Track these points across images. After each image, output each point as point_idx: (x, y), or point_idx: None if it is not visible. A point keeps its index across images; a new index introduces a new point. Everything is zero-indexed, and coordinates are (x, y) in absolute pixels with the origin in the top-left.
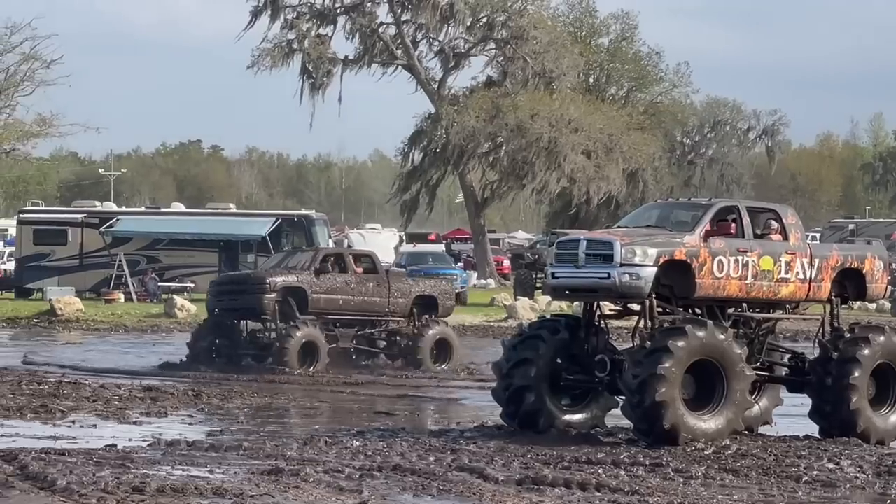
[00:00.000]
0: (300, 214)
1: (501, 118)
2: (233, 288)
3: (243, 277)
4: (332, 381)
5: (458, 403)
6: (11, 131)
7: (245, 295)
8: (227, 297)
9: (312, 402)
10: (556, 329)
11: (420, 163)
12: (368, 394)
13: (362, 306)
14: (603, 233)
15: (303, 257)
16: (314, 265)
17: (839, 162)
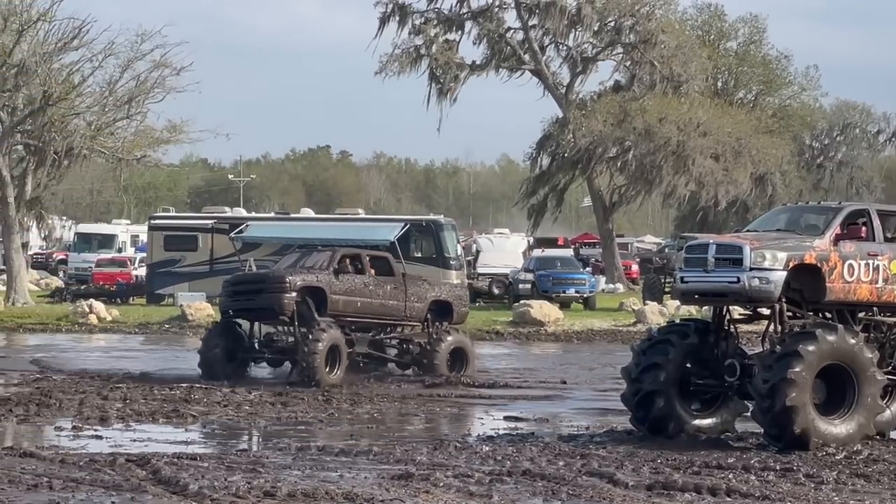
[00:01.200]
0: (428, 219)
1: (629, 122)
2: (250, 287)
3: (261, 276)
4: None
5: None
6: (142, 138)
7: (263, 295)
8: (244, 297)
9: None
10: (685, 333)
11: (548, 167)
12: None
13: (380, 310)
14: (732, 237)
15: (320, 257)
16: (332, 265)
17: None
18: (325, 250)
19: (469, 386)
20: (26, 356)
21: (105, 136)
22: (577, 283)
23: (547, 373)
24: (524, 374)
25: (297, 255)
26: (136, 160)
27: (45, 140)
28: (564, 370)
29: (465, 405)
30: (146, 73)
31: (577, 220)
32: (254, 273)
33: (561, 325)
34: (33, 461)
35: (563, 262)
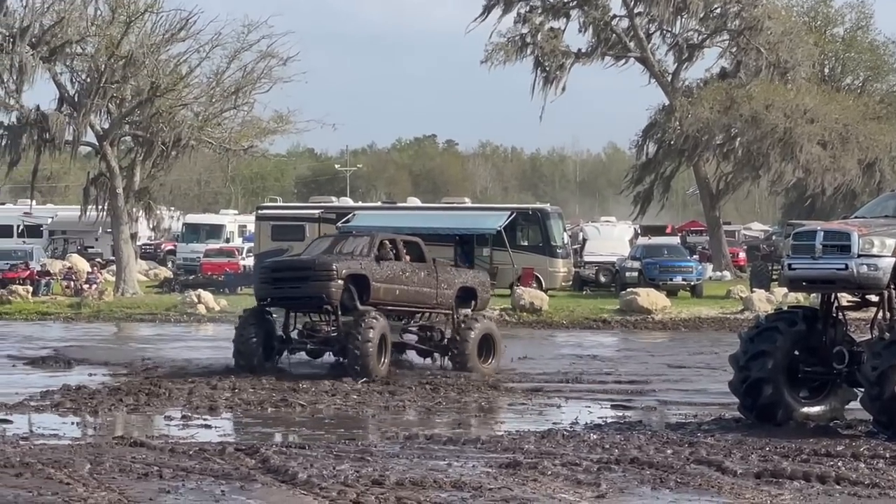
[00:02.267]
0: (535, 208)
1: (735, 109)
2: (294, 275)
3: (306, 263)
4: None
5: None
6: (249, 129)
7: (310, 283)
8: (288, 285)
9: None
10: (793, 321)
11: (654, 155)
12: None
13: (415, 297)
14: (840, 224)
15: (358, 242)
16: (373, 251)
17: None
18: (361, 235)
19: (573, 382)
20: (135, 346)
21: (212, 127)
22: (685, 270)
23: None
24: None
25: (330, 241)
26: (243, 150)
27: (153, 131)
28: (671, 358)
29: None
30: (253, 63)
31: (683, 208)
32: (297, 259)
33: (668, 313)
34: (143, 450)
35: (670, 250)
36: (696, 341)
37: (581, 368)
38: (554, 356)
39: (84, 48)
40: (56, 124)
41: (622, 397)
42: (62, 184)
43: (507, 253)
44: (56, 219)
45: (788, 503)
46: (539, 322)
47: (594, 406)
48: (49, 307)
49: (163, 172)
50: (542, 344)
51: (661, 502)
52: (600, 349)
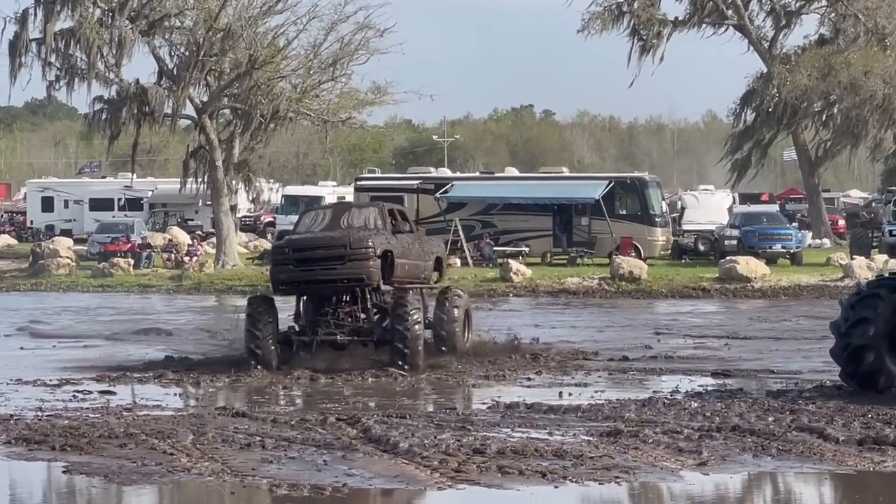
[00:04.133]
0: (633, 177)
1: (834, 76)
2: (327, 254)
3: (340, 240)
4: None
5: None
6: (347, 100)
7: (347, 263)
8: (319, 266)
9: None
10: (894, 287)
11: (752, 122)
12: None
13: (415, 272)
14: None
15: (365, 213)
16: (388, 223)
17: None
18: (364, 205)
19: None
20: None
21: (310, 99)
22: (784, 238)
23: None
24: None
25: (329, 214)
26: (341, 122)
27: (252, 103)
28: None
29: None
30: (350, 35)
31: (781, 176)
32: (326, 237)
33: (768, 281)
34: (246, 421)
35: (769, 218)
36: (797, 309)
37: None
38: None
39: (182, 21)
40: (155, 98)
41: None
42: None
43: (605, 222)
44: (156, 192)
45: (891, 470)
46: (638, 291)
47: (694, 375)
48: (150, 279)
49: (261, 145)
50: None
51: (762, 469)
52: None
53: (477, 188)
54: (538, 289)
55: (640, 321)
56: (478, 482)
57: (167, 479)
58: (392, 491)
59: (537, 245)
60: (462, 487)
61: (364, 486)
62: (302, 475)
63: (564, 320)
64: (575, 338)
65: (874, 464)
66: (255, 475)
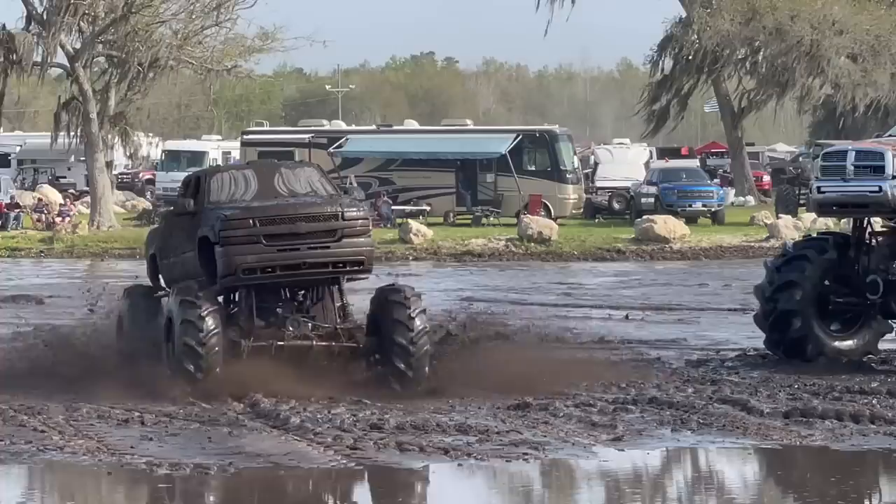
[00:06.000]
0: (542, 130)
1: (758, 21)
2: (318, 228)
3: (332, 210)
4: None
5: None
6: (233, 47)
7: (345, 240)
8: (308, 244)
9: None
10: (823, 248)
11: (671, 71)
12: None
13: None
14: (873, 143)
15: (307, 175)
16: (337, 188)
17: None
18: (294, 165)
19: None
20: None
21: (192, 46)
22: (705, 196)
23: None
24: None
25: (252, 174)
26: (226, 71)
27: (129, 51)
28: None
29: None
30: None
31: (702, 129)
32: (306, 203)
33: (687, 242)
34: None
35: (689, 174)
36: (718, 271)
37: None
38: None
39: None
40: (23, 44)
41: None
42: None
43: (512, 179)
44: (25, 147)
45: (819, 444)
46: (548, 253)
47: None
48: (19, 242)
49: (140, 96)
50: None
51: (682, 445)
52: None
53: (374, 142)
54: (440, 251)
55: (551, 287)
56: (375, 460)
57: (38, 458)
58: (282, 470)
59: (439, 204)
60: (358, 466)
61: (251, 465)
62: (184, 453)
63: (463, 287)
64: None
65: (801, 437)
66: (133, 454)
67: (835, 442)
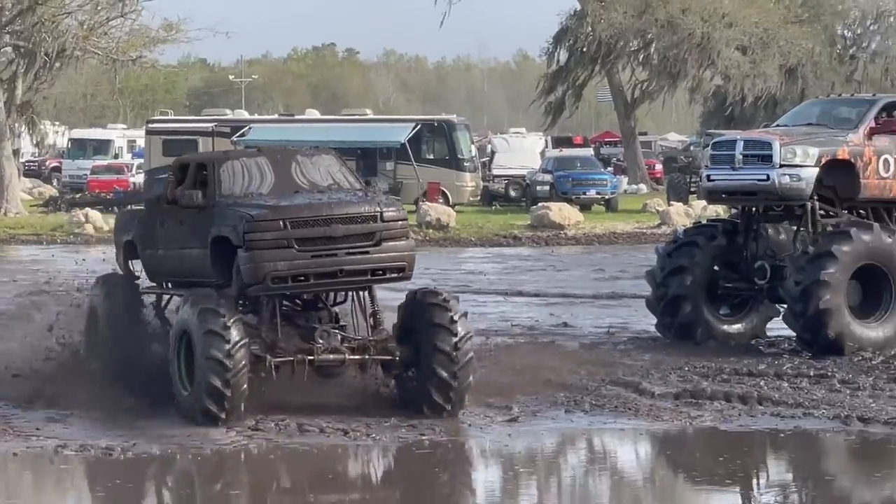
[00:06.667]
0: (440, 119)
1: (651, 14)
2: (356, 230)
3: (370, 210)
4: None
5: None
6: (137, 38)
7: (385, 243)
8: (346, 249)
9: None
10: (712, 235)
11: (566, 63)
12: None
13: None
14: (761, 132)
15: (327, 163)
16: (359, 179)
17: None
18: (312, 152)
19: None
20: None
21: (98, 37)
22: (598, 183)
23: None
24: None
25: (266, 162)
26: (131, 61)
27: (35, 41)
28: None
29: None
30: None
31: (596, 119)
32: (342, 202)
33: (581, 228)
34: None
35: (583, 163)
36: (611, 257)
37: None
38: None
39: None
40: None
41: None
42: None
43: (411, 167)
44: None
45: (709, 425)
46: (446, 239)
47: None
48: None
49: (46, 85)
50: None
51: (575, 425)
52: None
53: (276, 131)
54: None
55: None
56: (276, 441)
57: None
58: (186, 450)
59: None
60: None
61: (154, 446)
62: (91, 435)
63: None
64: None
65: (691, 418)
66: (39, 435)
67: (723, 423)
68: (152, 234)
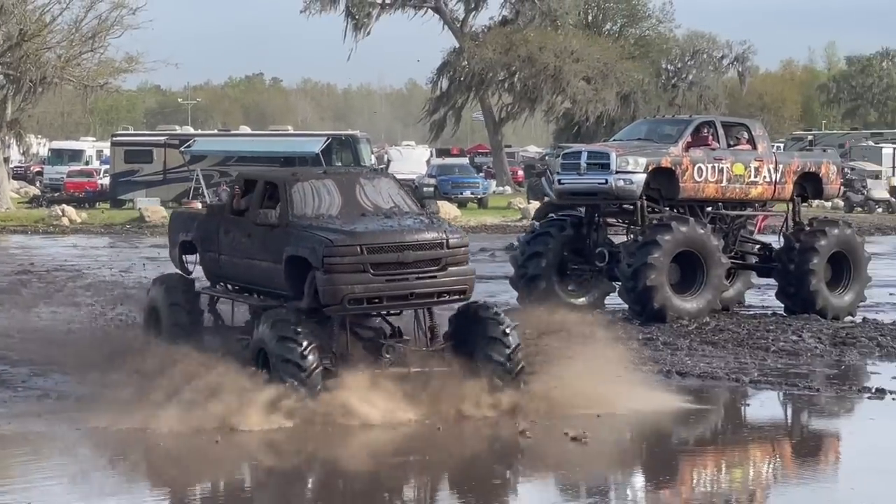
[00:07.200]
0: (347, 134)
1: (514, 51)
2: (425, 256)
3: (436, 236)
4: None
5: None
6: (104, 68)
7: (450, 268)
8: (417, 274)
9: None
10: (562, 227)
11: (447, 89)
12: None
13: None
14: (601, 145)
15: (387, 187)
16: (416, 202)
17: (799, 83)
18: (373, 176)
19: None
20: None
21: (73, 67)
22: (473, 186)
23: None
24: None
25: (333, 184)
26: (99, 87)
27: (22, 70)
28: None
29: None
30: (107, 12)
31: (471, 133)
32: (411, 228)
33: (459, 222)
34: None
35: (461, 169)
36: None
37: None
38: None
39: None
40: None
41: None
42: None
43: None
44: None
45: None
46: None
47: None
48: None
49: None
50: None
51: None
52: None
53: (216, 143)
54: None
55: None
56: (39, 431)
57: None
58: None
59: None
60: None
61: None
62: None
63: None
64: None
65: None
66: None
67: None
68: (213, 239)
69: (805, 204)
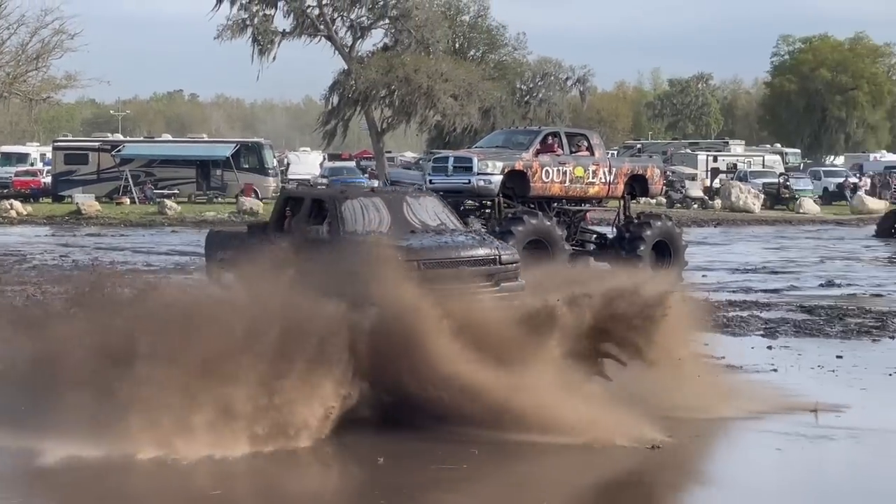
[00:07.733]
0: (253, 141)
1: (394, 72)
2: (478, 272)
3: (489, 253)
4: None
5: None
6: (47, 84)
7: (503, 284)
8: (478, 288)
9: None
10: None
11: (337, 104)
12: None
13: None
14: (465, 151)
15: (432, 205)
16: (460, 220)
17: (630, 101)
18: (418, 194)
19: None
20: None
21: (20, 83)
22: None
23: None
24: None
25: (381, 202)
26: (43, 100)
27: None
28: None
29: None
30: (49, 37)
31: (358, 141)
32: (465, 244)
33: None
34: None
35: (349, 171)
36: None
37: None
38: None
39: None
40: None
41: None
42: None
43: (233, 173)
44: None
45: None
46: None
47: None
48: None
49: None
50: None
51: None
52: None
53: (142, 148)
54: (185, 219)
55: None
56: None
57: None
58: None
59: (185, 189)
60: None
61: None
62: None
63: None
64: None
65: None
66: None
67: None
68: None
69: (634, 201)
